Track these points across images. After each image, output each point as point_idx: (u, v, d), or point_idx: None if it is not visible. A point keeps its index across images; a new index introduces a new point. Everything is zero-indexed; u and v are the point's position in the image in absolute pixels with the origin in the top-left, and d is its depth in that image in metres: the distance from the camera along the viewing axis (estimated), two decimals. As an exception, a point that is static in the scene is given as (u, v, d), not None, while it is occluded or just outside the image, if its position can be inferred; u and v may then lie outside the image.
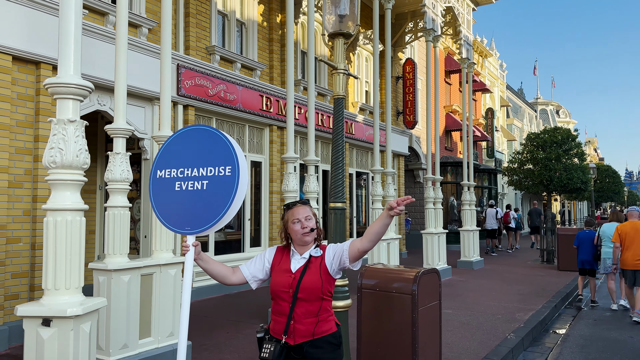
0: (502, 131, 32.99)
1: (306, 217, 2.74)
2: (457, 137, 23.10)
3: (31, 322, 2.78)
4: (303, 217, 2.74)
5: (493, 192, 23.93)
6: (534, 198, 36.71)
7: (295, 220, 2.74)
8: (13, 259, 5.75)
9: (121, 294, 4.55)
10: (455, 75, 22.91)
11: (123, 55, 4.71)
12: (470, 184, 13.89)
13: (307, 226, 2.72)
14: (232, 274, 2.79)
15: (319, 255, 2.73)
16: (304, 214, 2.75)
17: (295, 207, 2.79)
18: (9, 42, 5.76)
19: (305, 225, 2.72)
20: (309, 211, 2.78)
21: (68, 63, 2.89)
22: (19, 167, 5.87)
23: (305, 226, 2.72)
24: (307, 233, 2.72)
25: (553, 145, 19.16)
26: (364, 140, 14.05)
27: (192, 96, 8.63)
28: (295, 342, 2.64)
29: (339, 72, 4.13)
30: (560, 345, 6.62)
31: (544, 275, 12.21)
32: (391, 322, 4.28)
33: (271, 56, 11.03)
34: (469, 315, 7.63)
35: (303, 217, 2.74)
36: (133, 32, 7.97)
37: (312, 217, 2.76)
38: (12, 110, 5.86)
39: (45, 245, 2.88)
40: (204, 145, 2.64)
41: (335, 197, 4.26)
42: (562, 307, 9.13)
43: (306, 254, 2.75)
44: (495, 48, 32.68)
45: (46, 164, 2.87)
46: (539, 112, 51.10)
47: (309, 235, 2.73)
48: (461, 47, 14.03)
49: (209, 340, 6.14)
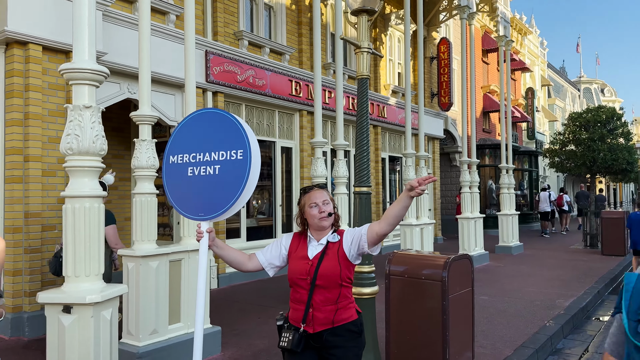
0: (543, 111, 31.86)
1: (324, 201, 2.64)
2: (495, 118, 22.42)
3: (52, 309, 2.80)
4: (321, 201, 2.64)
5: (534, 175, 23.19)
6: (576, 180, 35.46)
7: (313, 204, 2.64)
8: (48, 246, 5.89)
9: (150, 280, 4.58)
10: (492, 55, 22.16)
11: (146, 40, 4.68)
12: (509, 167, 13.46)
13: (325, 210, 2.62)
14: (247, 261, 2.72)
15: (336, 241, 2.63)
16: (321, 198, 2.64)
17: (312, 191, 2.69)
18: (38, 32, 5.83)
19: (322, 209, 2.62)
20: (327, 195, 2.67)
21: (82, 48, 2.86)
22: (52, 156, 5.98)
23: (322, 210, 2.62)
24: (324, 217, 2.62)
25: (597, 125, 18.32)
26: (396, 124, 13.77)
27: (221, 82, 8.61)
28: (315, 331, 2.56)
29: (363, 51, 3.97)
30: (602, 332, 6.33)
31: (587, 260, 11.75)
32: (421, 309, 4.15)
33: (300, 40, 10.88)
34: (506, 302, 7.39)
35: (321, 201, 2.64)
36: (161, 19, 7.98)
37: (329, 201, 2.66)
38: (44, 100, 5.95)
39: (65, 233, 2.89)
40: (215, 129, 2.57)
41: (360, 181, 4.14)
42: (605, 293, 8.75)
43: (323, 240, 2.65)
44: (535, 25, 31.45)
45: (63, 150, 2.87)
46: (583, 91, 49.10)
47: (327, 220, 2.63)
48: (498, 25, 13.50)
49: (240, 325, 6.16)
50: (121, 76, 7.02)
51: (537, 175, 24.30)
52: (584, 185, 20.50)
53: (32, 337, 5.67)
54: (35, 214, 5.82)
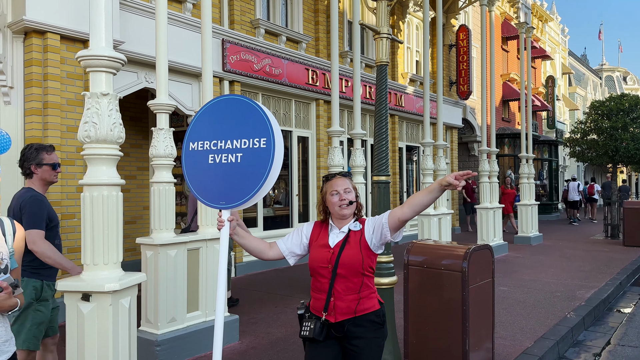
0: (563, 100, 31.26)
1: (345, 190, 2.59)
2: (515, 107, 22.05)
3: (71, 297, 2.81)
4: (342, 189, 2.59)
5: (553, 165, 22.82)
6: (597, 170, 34.80)
7: (334, 192, 2.60)
8: (68, 234, 5.95)
9: (168, 268, 4.59)
10: (512, 42, 21.74)
11: (163, 29, 4.65)
12: (528, 156, 13.24)
13: (346, 199, 2.58)
14: (268, 249, 2.69)
15: (358, 230, 2.59)
16: (343, 186, 2.60)
17: (334, 179, 2.65)
18: (56, 21, 5.85)
19: (343, 197, 2.58)
20: (349, 183, 2.63)
21: (99, 35, 2.84)
22: (71, 145, 6.02)
23: (343, 198, 2.58)
24: (345, 206, 2.58)
25: (619, 113, 17.88)
26: (414, 113, 13.62)
27: (238, 71, 8.57)
28: (336, 320, 2.52)
29: (382, 37, 3.89)
30: (625, 325, 6.20)
31: (608, 251, 11.54)
32: (440, 300, 4.09)
33: (317, 28, 10.78)
34: (526, 292, 7.29)
35: (342, 189, 2.59)
36: (177, 7, 7.96)
37: (351, 190, 2.61)
38: (62, 89, 5.98)
39: (83, 221, 2.89)
40: (237, 116, 2.51)
41: (379, 170, 4.08)
42: (627, 284, 8.58)
43: (345, 228, 2.61)
44: (556, 12, 30.78)
45: (81, 138, 2.86)
46: (604, 79, 48.04)
47: (347, 209, 2.59)
48: (519, 11, 13.23)
49: (258, 314, 6.17)
50: (139, 65, 7.03)
51: (557, 165, 23.91)
52: (610, 176, 20.30)
53: (53, 323, 5.75)
54: (55, 202, 5.87)
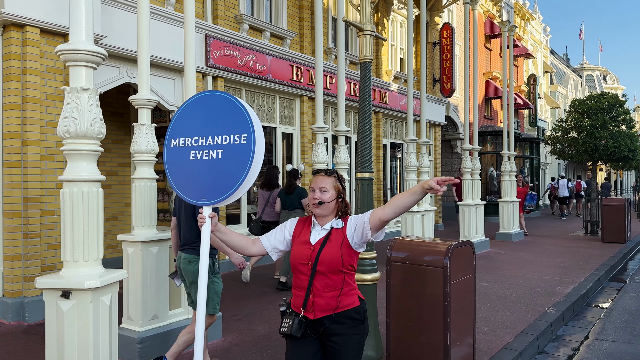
0: (545, 98, 31.67)
1: (321, 188, 2.58)
2: (498, 105, 22.28)
3: (51, 294, 2.77)
4: (317, 188, 2.59)
5: (535, 162, 23.12)
6: (577, 168, 35.36)
7: (311, 189, 2.62)
8: (48, 231, 5.87)
9: (150, 265, 4.56)
10: (495, 41, 21.96)
11: (145, 23, 4.60)
12: (510, 154, 13.40)
13: (317, 198, 2.57)
14: (251, 245, 2.68)
15: (340, 228, 2.59)
16: (319, 184, 2.59)
17: (315, 176, 2.65)
18: (36, 14, 5.75)
19: (316, 196, 2.58)
20: (328, 183, 2.60)
21: (79, 28, 2.79)
22: (51, 140, 5.92)
23: (315, 197, 2.58)
24: (315, 205, 2.58)
25: (599, 111, 18.14)
26: (398, 110, 13.68)
27: (221, 67, 8.52)
28: (315, 317, 2.52)
29: (366, 34, 3.90)
30: (603, 319, 6.33)
31: (587, 247, 11.75)
32: (422, 295, 4.12)
33: (301, 24, 10.75)
34: (507, 288, 7.39)
35: (317, 188, 2.59)
36: (160, 1, 7.87)
37: (328, 189, 2.59)
38: (42, 84, 5.88)
39: (63, 217, 2.85)
40: (218, 112, 2.51)
41: (362, 167, 4.09)
42: (605, 280, 8.75)
43: (327, 226, 2.60)
44: (538, 11, 31.15)
45: (60, 134, 2.81)
46: (585, 78, 48.79)
47: (317, 208, 2.58)
48: (501, 10, 13.35)
49: (241, 311, 6.16)
50: (120, 60, 6.94)
51: (539, 162, 24.23)
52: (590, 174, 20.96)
53: (32, 322, 5.67)
54: (34, 198, 5.79)
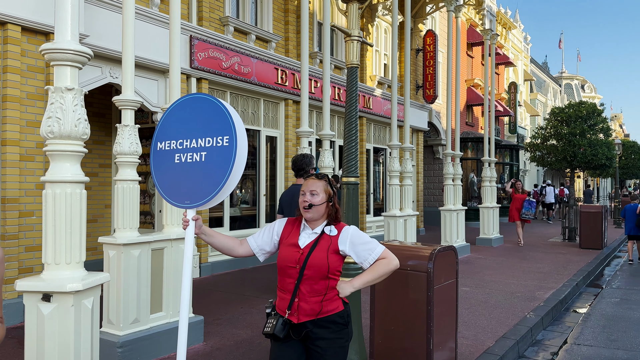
0: (525, 106, 32.18)
1: (311, 192, 2.58)
2: (479, 112, 22.57)
3: (31, 297, 2.71)
4: (308, 191, 2.59)
5: (514, 169, 23.47)
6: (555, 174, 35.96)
7: (302, 192, 2.61)
8: (26, 232, 5.75)
9: (131, 268, 4.50)
10: (477, 48, 22.27)
11: (130, 23, 4.55)
12: (491, 160, 13.58)
13: (307, 201, 2.57)
14: (238, 246, 2.67)
15: (332, 235, 2.58)
16: (310, 188, 2.59)
17: (307, 179, 2.65)
18: (17, 12, 5.64)
19: (306, 199, 2.58)
20: (318, 186, 2.60)
21: (65, 28, 2.75)
22: (30, 140, 5.82)
23: (305, 200, 2.58)
24: (305, 208, 2.58)
25: (578, 120, 18.52)
26: (382, 115, 13.76)
27: (206, 69, 8.47)
28: (299, 321, 2.51)
29: (353, 40, 3.92)
30: (581, 324, 6.44)
31: (565, 253, 11.94)
32: (406, 300, 4.15)
33: (287, 27, 10.76)
34: (487, 293, 7.47)
35: (308, 191, 2.59)
36: (145, 1, 7.80)
37: (319, 193, 2.58)
38: (22, 82, 5.78)
39: (45, 219, 2.79)
40: (202, 115, 2.50)
41: (348, 171, 4.10)
42: (583, 285, 8.91)
43: (318, 229, 2.60)
44: (519, 20, 31.67)
45: (44, 134, 2.76)
46: (564, 86, 49.73)
47: (307, 212, 2.58)
48: (484, 18, 13.54)
49: (223, 315, 6.11)
50: (103, 60, 6.86)
51: (518, 169, 24.59)
52: (568, 180, 22.09)
53: (8, 325, 5.53)
54: (13, 199, 5.67)
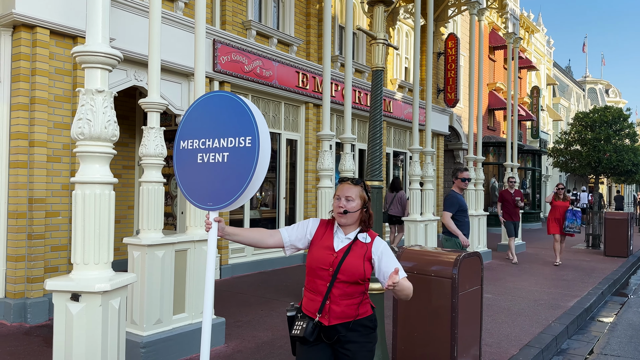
0: (547, 111, 31.73)
1: (346, 197, 2.58)
2: (501, 116, 22.31)
3: (60, 297, 2.74)
4: (343, 196, 2.59)
5: (536, 174, 23.14)
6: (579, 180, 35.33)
7: (337, 196, 2.61)
8: (52, 232, 5.85)
9: (155, 269, 4.54)
10: (499, 52, 22.03)
11: (157, 26, 4.61)
12: (513, 165, 13.39)
13: (342, 206, 2.56)
14: (269, 237, 2.66)
15: (366, 242, 2.58)
16: (345, 193, 2.59)
17: (342, 184, 2.65)
18: (46, 16, 5.76)
19: (341, 204, 2.57)
20: (354, 192, 2.59)
21: (96, 31, 2.79)
22: (57, 142, 5.92)
23: (340, 205, 2.57)
24: (340, 214, 2.57)
25: (603, 125, 18.17)
26: (402, 119, 13.69)
27: (228, 72, 8.53)
28: (330, 323, 2.51)
29: (379, 42, 3.90)
30: (607, 334, 6.29)
31: (590, 261, 11.71)
32: (429, 306, 4.10)
33: (308, 31, 10.78)
34: (510, 300, 7.35)
35: (343, 196, 2.59)
36: (169, 5, 7.89)
37: (354, 199, 2.58)
38: (50, 85, 5.89)
39: (74, 219, 2.83)
40: (225, 113, 2.47)
41: (372, 174, 4.08)
42: (608, 294, 8.71)
43: (351, 235, 2.59)
44: (542, 23, 31.28)
45: (74, 135, 2.80)
46: (587, 91, 48.91)
47: (341, 217, 2.57)
48: (507, 21, 13.39)
49: (243, 317, 6.12)
50: (128, 63, 6.94)
51: (540, 174, 24.24)
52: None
53: (34, 323, 5.63)
54: (40, 199, 5.77)
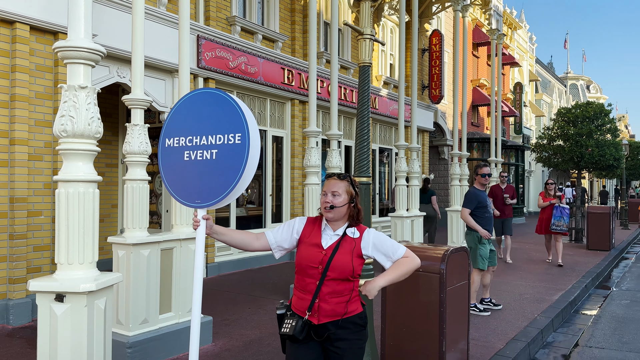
0: (530, 106, 32.06)
1: (333, 192, 2.56)
2: (484, 112, 22.49)
3: (44, 297, 2.68)
4: (330, 191, 2.57)
5: (520, 170, 23.38)
6: (561, 175, 35.83)
7: (323, 192, 2.59)
8: (35, 232, 5.74)
9: (141, 268, 4.47)
10: (482, 49, 22.19)
11: (140, 22, 4.53)
12: (497, 161, 13.50)
13: (329, 202, 2.55)
14: (255, 240, 2.64)
15: (355, 237, 2.56)
16: (332, 188, 2.57)
17: (329, 179, 2.63)
18: (26, 11, 5.64)
19: (327, 200, 2.55)
20: (340, 187, 2.57)
21: (78, 25, 2.72)
22: (39, 140, 5.81)
23: (327, 201, 2.55)
24: (326, 209, 2.55)
25: (585, 120, 18.44)
26: (387, 115, 13.72)
27: (213, 68, 8.45)
28: (319, 322, 2.49)
29: (365, 38, 3.88)
30: (591, 326, 6.38)
31: (573, 255, 11.86)
32: (417, 301, 4.11)
33: (293, 27, 10.74)
34: (496, 295, 7.41)
35: (330, 191, 2.57)
36: (152, 1, 7.79)
37: (341, 194, 2.56)
38: (31, 82, 5.77)
39: (58, 218, 2.77)
40: (212, 111, 2.44)
41: (360, 171, 4.07)
42: (592, 287, 8.84)
43: (339, 231, 2.58)
44: (525, 20, 31.57)
45: (57, 132, 2.73)
46: (569, 87, 49.55)
47: (329, 212, 2.55)
48: (490, 17, 13.47)
49: (231, 315, 6.09)
50: (110, 59, 6.83)
51: (523, 169, 24.51)
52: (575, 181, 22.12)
53: (16, 325, 5.52)
54: (21, 199, 5.66)
